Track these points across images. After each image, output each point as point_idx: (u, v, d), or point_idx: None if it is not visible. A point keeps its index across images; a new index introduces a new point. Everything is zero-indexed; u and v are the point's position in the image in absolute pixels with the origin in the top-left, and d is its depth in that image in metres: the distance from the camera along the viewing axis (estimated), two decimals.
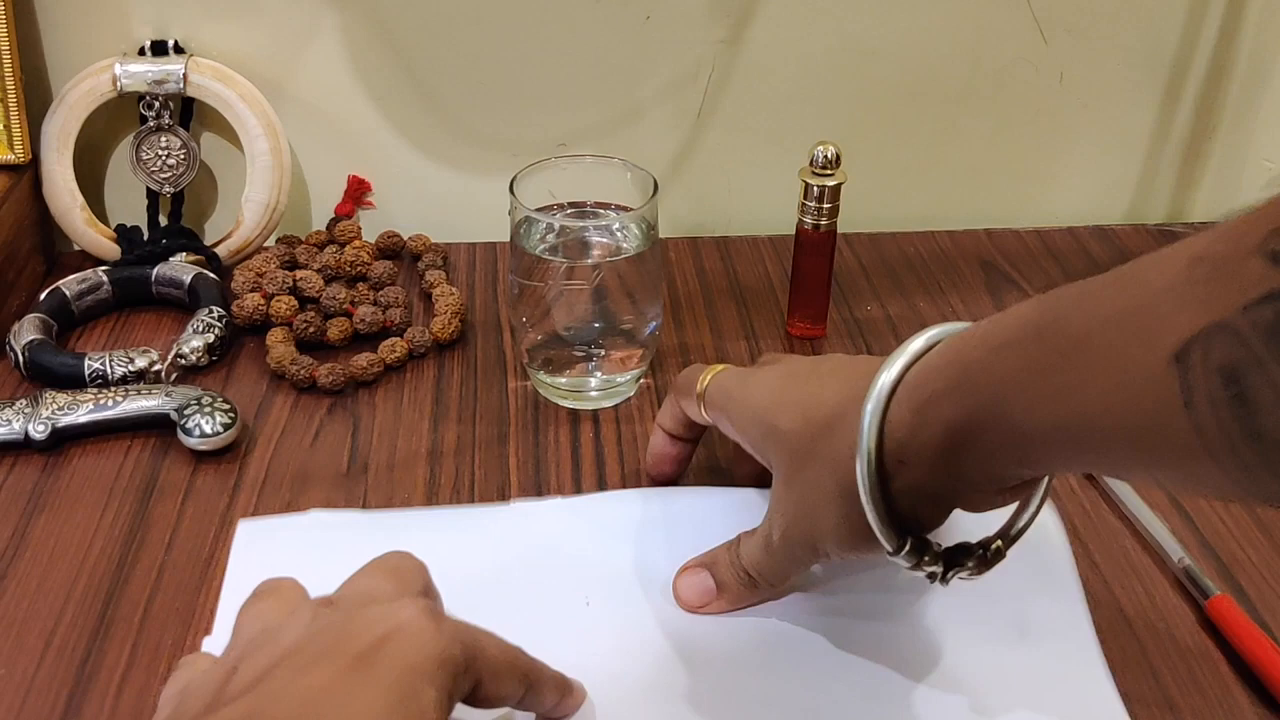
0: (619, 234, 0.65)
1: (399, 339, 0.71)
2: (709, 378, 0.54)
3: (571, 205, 0.66)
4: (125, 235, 0.79)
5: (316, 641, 0.39)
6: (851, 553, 0.46)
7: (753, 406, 0.51)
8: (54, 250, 0.81)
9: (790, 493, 0.48)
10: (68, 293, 0.73)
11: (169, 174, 0.80)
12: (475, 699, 0.41)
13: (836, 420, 0.45)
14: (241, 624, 0.43)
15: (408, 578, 0.44)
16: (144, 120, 0.79)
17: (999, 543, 0.46)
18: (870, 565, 0.53)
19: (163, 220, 0.81)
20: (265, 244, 0.80)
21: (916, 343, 0.44)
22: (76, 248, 0.80)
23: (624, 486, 0.61)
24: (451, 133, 0.83)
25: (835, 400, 0.46)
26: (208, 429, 0.62)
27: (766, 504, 0.51)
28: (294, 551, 0.56)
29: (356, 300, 0.74)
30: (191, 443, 0.62)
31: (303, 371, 0.67)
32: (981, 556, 0.46)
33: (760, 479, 0.57)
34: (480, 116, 0.83)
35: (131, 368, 0.67)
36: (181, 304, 0.75)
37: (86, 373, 0.66)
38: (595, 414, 0.67)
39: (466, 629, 0.41)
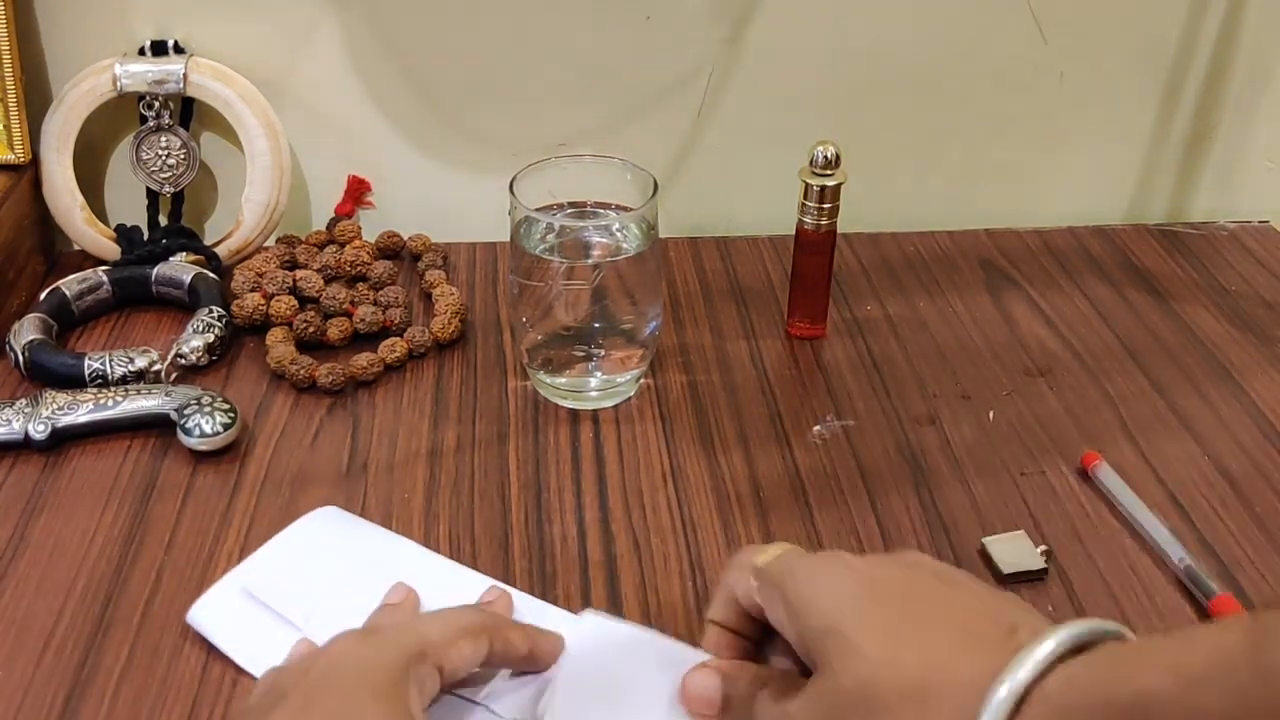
0: (619, 234, 0.65)
1: (399, 339, 0.71)
2: (776, 552, 0.47)
3: (571, 205, 0.66)
4: (125, 235, 0.79)
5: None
6: None
7: (825, 598, 0.42)
8: (54, 250, 0.81)
9: (836, 712, 0.41)
10: (68, 292, 0.73)
11: (169, 174, 0.80)
12: (444, 675, 0.44)
13: (930, 691, 0.38)
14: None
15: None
16: (144, 120, 0.79)
17: None
18: None
19: (163, 220, 0.81)
20: (265, 244, 0.80)
21: (1046, 646, 0.37)
22: (76, 248, 0.80)
23: (624, 488, 0.61)
24: (451, 133, 0.83)
25: (933, 659, 0.39)
26: (208, 429, 0.62)
27: None
28: (345, 546, 0.57)
29: (356, 300, 0.74)
30: (191, 443, 0.62)
31: (303, 371, 0.67)
32: None
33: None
34: (480, 116, 0.83)
35: (131, 368, 0.67)
36: (181, 304, 0.75)
37: (86, 373, 0.66)
38: (595, 414, 0.67)
39: (396, 634, 0.45)
